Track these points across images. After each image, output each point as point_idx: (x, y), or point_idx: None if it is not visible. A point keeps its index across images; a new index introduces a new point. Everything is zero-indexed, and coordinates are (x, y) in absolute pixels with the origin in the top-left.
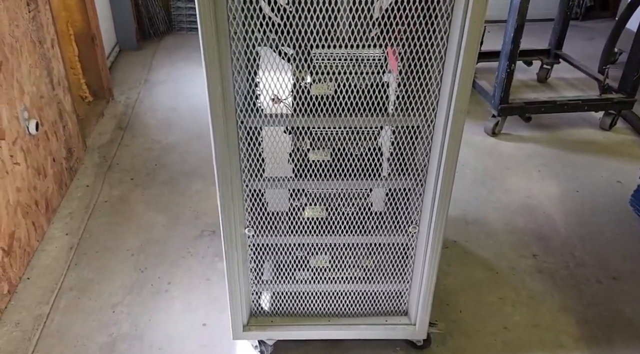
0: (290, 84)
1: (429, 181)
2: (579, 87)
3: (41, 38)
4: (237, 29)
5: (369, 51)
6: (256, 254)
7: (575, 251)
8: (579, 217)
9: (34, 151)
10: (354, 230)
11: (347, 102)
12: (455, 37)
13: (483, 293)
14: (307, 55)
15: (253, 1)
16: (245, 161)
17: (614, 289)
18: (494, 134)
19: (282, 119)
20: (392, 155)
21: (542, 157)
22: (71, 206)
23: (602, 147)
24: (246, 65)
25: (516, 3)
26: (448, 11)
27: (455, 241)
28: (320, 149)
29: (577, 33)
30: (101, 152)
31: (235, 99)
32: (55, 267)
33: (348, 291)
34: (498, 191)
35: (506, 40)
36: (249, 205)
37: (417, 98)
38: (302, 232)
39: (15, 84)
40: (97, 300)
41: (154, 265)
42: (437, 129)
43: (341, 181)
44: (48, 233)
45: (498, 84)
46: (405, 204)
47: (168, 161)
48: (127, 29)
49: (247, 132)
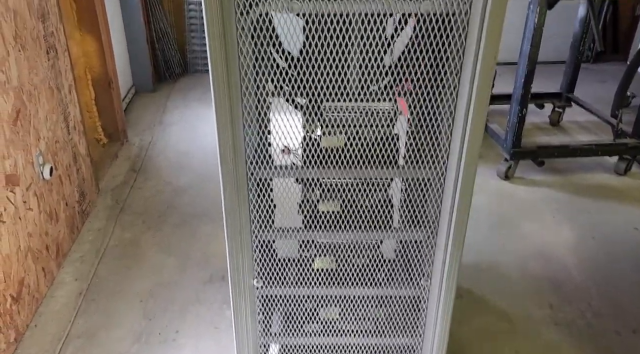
0: (301, 136)
1: (440, 233)
2: (591, 131)
3: (59, 84)
4: (248, 84)
5: (379, 104)
6: (264, 306)
7: (592, 301)
8: (595, 264)
9: (47, 196)
10: (364, 282)
11: (357, 154)
12: (465, 92)
13: (498, 345)
14: (318, 109)
15: (265, 57)
16: (254, 212)
17: (634, 342)
18: (506, 178)
19: (292, 170)
20: (403, 206)
21: (557, 202)
22: (82, 250)
23: (617, 192)
24: (257, 118)
25: (526, 50)
26: (457, 67)
27: (469, 289)
28: (330, 200)
29: (589, 76)
30: (114, 195)
31: (245, 151)
32: (64, 313)
33: (359, 345)
34: (512, 237)
35: (517, 85)
36: (258, 255)
37: (427, 150)
38: (311, 284)
39: (31, 131)
40: (105, 349)
41: (163, 312)
42: (448, 181)
43: (351, 232)
44: (58, 278)
45: (510, 128)
46: (416, 255)
47: (179, 203)
48: (144, 72)
49: (257, 183)
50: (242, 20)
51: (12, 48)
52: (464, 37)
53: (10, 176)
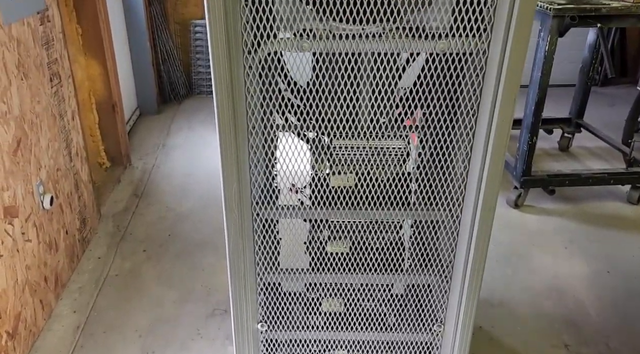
0: (309, 175)
1: (455, 278)
2: (602, 157)
3: (62, 111)
4: (255, 124)
5: (390, 142)
6: (269, 351)
7: (610, 341)
8: (612, 301)
9: (47, 226)
10: (374, 326)
11: (368, 194)
12: (482, 132)
13: None
14: (327, 147)
15: (273, 92)
16: (259, 253)
17: None
18: (516, 206)
19: (300, 210)
20: (416, 249)
21: (569, 233)
22: (81, 280)
23: (631, 222)
24: (264, 158)
25: (536, 77)
26: (474, 107)
27: (481, 327)
28: (338, 240)
29: (598, 99)
30: (115, 221)
31: (251, 191)
32: (61, 348)
33: None
34: (524, 271)
35: (527, 113)
36: (263, 299)
37: (440, 191)
38: (318, 328)
39: (32, 160)
40: None
41: (162, 348)
42: (463, 225)
43: (360, 275)
44: (56, 310)
45: (520, 156)
46: (429, 300)
47: (182, 230)
48: (148, 94)
49: (262, 224)
50: (249, 59)
51: (15, 77)
52: (481, 77)
53: (8, 208)
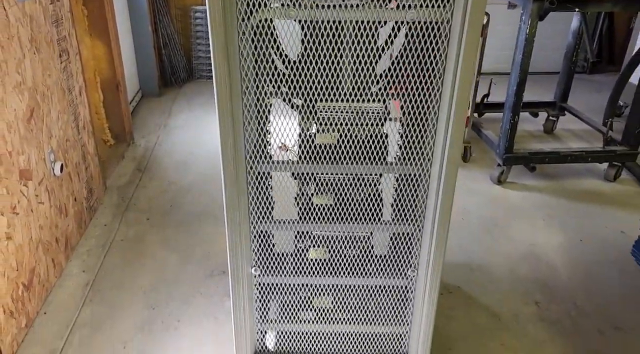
0: (297, 133)
1: (426, 226)
2: (584, 139)
3: (70, 86)
4: (248, 85)
5: (370, 105)
6: (262, 294)
7: (577, 300)
8: (582, 266)
9: (57, 191)
10: (356, 272)
11: (349, 151)
12: (447, 93)
13: (485, 339)
14: (313, 108)
15: (264, 59)
16: (253, 204)
17: (616, 339)
18: (499, 183)
19: (289, 165)
20: (393, 201)
21: (547, 207)
22: (89, 244)
23: (606, 198)
24: (256, 116)
25: (518, 59)
26: (440, 70)
27: (459, 286)
28: (324, 194)
29: (585, 86)
30: (120, 193)
31: (245, 146)
32: (71, 303)
33: (350, 332)
34: (503, 239)
35: (509, 93)
36: (256, 246)
37: (413, 149)
38: (306, 273)
39: (44, 129)
40: (109, 336)
41: (165, 303)
42: (432, 178)
43: (343, 225)
44: (66, 270)
45: (502, 135)
46: (404, 248)
47: (183, 202)
48: (150, 76)
49: (255, 177)
50: (242, 25)
51: (28, 51)
52: (446, 43)
53: (24, 171)
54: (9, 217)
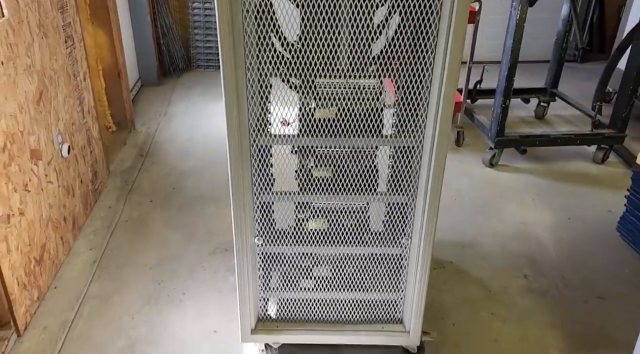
0: (297, 109)
1: (419, 197)
2: (575, 124)
3: (75, 71)
4: (251, 61)
5: (366, 81)
6: (264, 263)
7: (564, 273)
8: (570, 243)
9: (65, 172)
10: (353, 242)
11: (347, 125)
12: (438, 69)
13: (476, 309)
14: (312, 84)
15: (266, 38)
16: (256, 176)
17: (600, 308)
18: (491, 165)
19: (289, 139)
20: (388, 173)
21: (537, 188)
22: (95, 225)
23: (594, 179)
24: (258, 91)
25: (509, 45)
26: (432, 48)
27: (452, 262)
28: (322, 167)
29: (576, 74)
30: (123, 177)
31: (248, 120)
32: (80, 278)
33: (348, 299)
34: (494, 218)
35: (500, 78)
36: (259, 216)
37: (407, 122)
38: (306, 243)
39: (52, 111)
40: (117, 308)
41: (170, 278)
42: (425, 150)
43: (341, 196)
44: (74, 248)
45: (494, 119)
46: (399, 218)
47: (184, 185)
48: (150, 66)
49: (258, 150)
50: (247, 3)
51: (36, 35)
52: (437, 19)
53: (34, 151)
54: (21, 194)
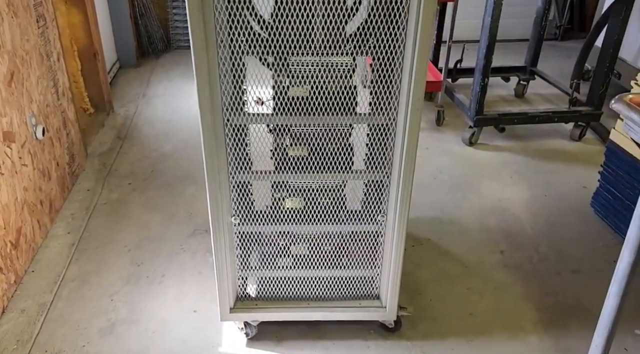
0: (271, 87)
1: (393, 174)
2: (553, 102)
3: (48, 52)
4: (223, 38)
5: (339, 58)
6: (242, 242)
7: (539, 248)
8: (545, 218)
9: (40, 155)
10: (330, 220)
11: (321, 103)
12: (410, 45)
13: (452, 284)
14: (286, 62)
15: (238, 14)
16: (231, 155)
17: (573, 280)
18: (470, 144)
19: (264, 117)
20: (365, 151)
21: (515, 165)
22: (73, 208)
23: (571, 156)
24: (231, 69)
25: (487, 23)
26: (403, 23)
27: (430, 238)
28: (298, 146)
29: (556, 52)
30: (101, 160)
31: (222, 99)
32: (58, 261)
33: (325, 277)
34: (472, 195)
35: (479, 57)
36: (235, 196)
37: (380, 100)
38: (283, 222)
39: (24, 93)
40: (97, 290)
41: (150, 259)
42: (398, 127)
43: (317, 174)
44: (51, 231)
45: (473, 97)
46: (374, 195)
47: (164, 167)
48: (127, 47)
49: (232, 129)
50: None
51: (6, 14)
52: None
53: (7, 133)
54: None
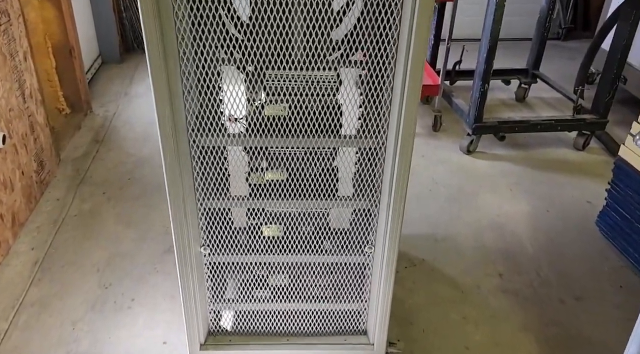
0: (245, 104)
1: (382, 202)
2: (556, 107)
3: (12, 51)
4: (186, 50)
5: (321, 73)
6: (213, 273)
7: (540, 270)
8: (547, 236)
9: (1, 164)
10: (312, 249)
11: (301, 123)
12: (401, 62)
13: (447, 312)
14: (262, 75)
15: (205, 19)
16: (198, 179)
17: (576, 309)
18: (468, 152)
19: (236, 138)
20: (349, 176)
21: (515, 176)
22: (39, 220)
23: (574, 167)
24: (196, 85)
25: (488, 25)
26: (394, 36)
27: (424, 259)
28: (276, 169)
29: (559, 53)
30: (75, 166)
31: (187, 118)
32: (18, 282)
33: (307, 310)
34: (469, 209)
35: (479, 61)
36: (204, 223)
37: (369, 121)
38: (259, 251)
39: None
40: (58, 316)
41: (119, 280)
42: (388, 152)
43: (297, 201)
44: (13, 248)
45: (472, 104)
46: (361, 224)
47: (141, 174)
48: (110, 42)
49: (200, 152)
50: None
51: None
52: (400, 5)
53: None
54: None
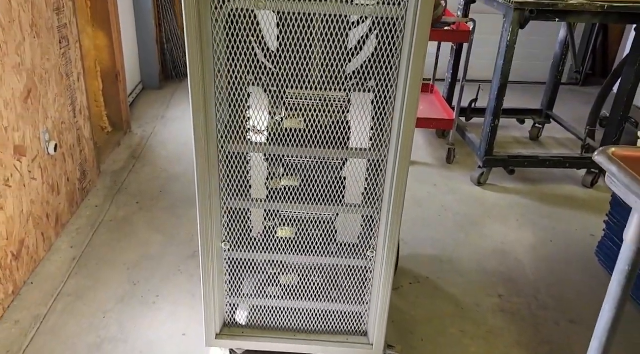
0: (267, 118)
1: (383, 209)
2: (568, 147)
3: (69, 72)
4: (221, 68)
5: (334, 93)
6: (231, 268)
7: (539, 294)
8: (548, 264)
9: (51, 170)
10: (319, 251)
11: (315, 135)
12: (401, 85)
13: (446, 325)
14: (283, 94)
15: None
16: (224, 181)
17: (570, 331)
18: (479, 184)
19: (258, 147)
20: (362, 185)
21: (523, 208)
22: (79, 223)
23: (581, 203)
24: (227, 98)
25: (499, 65)
26: (395, 63)
27: (428, 277)
28: (291, 176)
29: (576, 97)
30: (113, 177)
31: (217, 126)
32: (58, 275)
33: (314, 309)
34: (476, 236)
35: (491, 98)
36: (226, 221)
37: (373, 136)
38: (273, 250)
39: (40, 109)
40: (91, 306)
41: (147, 279)
42: (389, 164)
43: (308, 205)
44: (55, 245)
45: (483, 138)
46: (365, 230)
47: (172, 189)
48: (152, 70)
49: (226, 156)
50: (216, 13)
51: (28, 35)
52: (401, 37)
53: (18, 147)
54: (1, 189)
